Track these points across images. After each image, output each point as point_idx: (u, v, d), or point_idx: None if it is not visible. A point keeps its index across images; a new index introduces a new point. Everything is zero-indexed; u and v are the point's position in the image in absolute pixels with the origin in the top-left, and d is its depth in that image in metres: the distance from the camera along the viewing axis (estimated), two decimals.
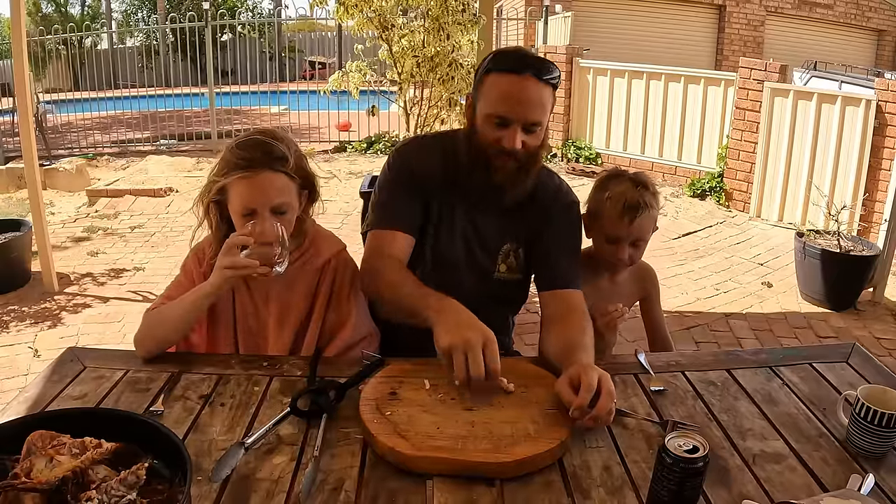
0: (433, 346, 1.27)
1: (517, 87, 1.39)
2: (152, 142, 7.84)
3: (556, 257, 1.55)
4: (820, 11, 11.63)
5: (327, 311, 1.51)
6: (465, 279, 1.58)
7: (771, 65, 5.22)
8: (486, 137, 1.43)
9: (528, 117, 1.40)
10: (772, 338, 3.40)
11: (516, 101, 1.40)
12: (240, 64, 12.04)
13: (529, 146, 1.43)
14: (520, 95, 1.39)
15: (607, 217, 1.65)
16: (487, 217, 1.57)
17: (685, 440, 0.98)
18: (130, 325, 3.39)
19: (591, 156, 6.81)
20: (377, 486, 1.05)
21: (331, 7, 5.94)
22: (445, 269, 1.57)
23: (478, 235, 1.58)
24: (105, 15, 18.27)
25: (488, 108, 1.42)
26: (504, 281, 1.61)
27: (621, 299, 1.78)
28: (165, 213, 5.41)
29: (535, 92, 1.40)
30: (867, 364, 1.47)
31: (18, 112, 3.72)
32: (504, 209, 1.55)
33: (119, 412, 1.13)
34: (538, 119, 1.42)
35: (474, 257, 1.59)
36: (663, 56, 9.28)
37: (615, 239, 1.65)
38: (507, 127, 1.40)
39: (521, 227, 1.58)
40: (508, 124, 1.40)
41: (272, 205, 1.38)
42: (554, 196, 1.59)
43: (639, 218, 1.61)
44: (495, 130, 1.42)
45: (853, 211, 4.36)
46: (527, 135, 1.42)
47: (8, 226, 3.92)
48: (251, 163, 1.37)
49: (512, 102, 1.40)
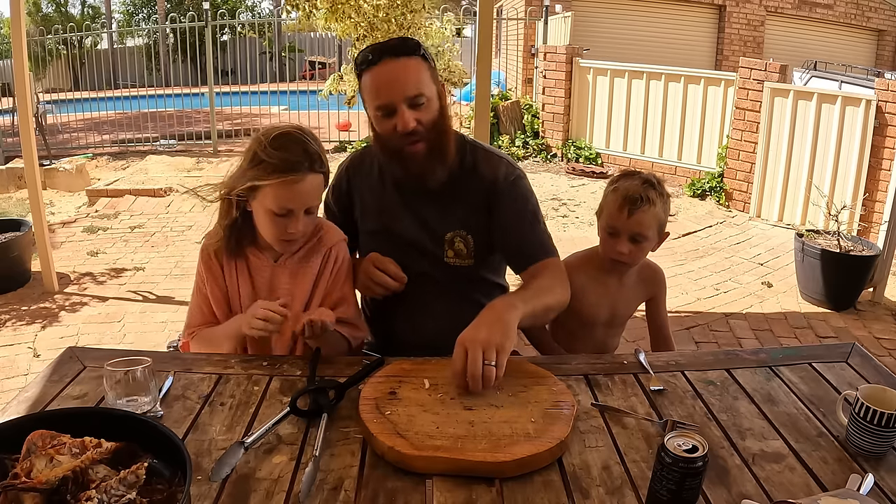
0: (432, 346, 1.27)
1: (381, 74, 1.44)
2: (152, 142, 7.84)
3: (518, 237, 1.57)
4: (820, 11, 11.62)
5: (328, 294, 1.55)
6: (424, 267, 1.60)
7: (771, 65, 5.22)
8: (384, 132, 1.47)
9: (406, 92, 1.42)
10: (772, 338, 3.40)
11: (386, 86, 1.43)
12: (240, 64, 12.05)
13: (425, 121, 1.44)
14: (388, 77, 1.43)
15: (608, 209, 1.66)
16: (428, 206, 1.58)
17: (684, 440, 0.98)
18: (130, 325, 3.39)
19: (591, 156, 6.81)
20: (377, 486, 1.05)
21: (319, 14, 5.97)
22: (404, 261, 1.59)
23: (424, 224, 1.60)
24: (105, 15, 18.28)
25: (371, 105, 1.47)
26: (456, 267, 1.60)
27: (629, 299, 1.78)
28: (165, 213, 5.41)
29: (400, 69, 1.43)
30: (867, 364, 1.47)
31: (18, 112, 3.71)
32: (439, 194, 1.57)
33: (119, 412, 1.12)
34: (416, 91, 1.43)
35: (424, 245, 1.60)
36: (663, 56, 9.27)
37: (614, 231, 1.65)
38: (393, 114, 1.44)
39: (461, 211, 1.58)
40: (393, 110, 1.43)
41: (307, 206, 1.43)
42: (493, 178, 1.57)
43: (638, 211, 1.61)
44: (387, 121, 1.45)
45: (853, 211, 4.36)
46: (416, 110, 1.43)
47: (8, 226, 3.93)
48: (294, 166, 1.38)
49: (383, 89, 1.44)
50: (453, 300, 1.61)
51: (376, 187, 1.63)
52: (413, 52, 1.45)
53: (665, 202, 1.66)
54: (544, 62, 7.08)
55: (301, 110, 8.31)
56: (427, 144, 1.46)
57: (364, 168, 1.67)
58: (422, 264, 1.59)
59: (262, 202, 1.42)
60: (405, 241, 1.60)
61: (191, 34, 8.26)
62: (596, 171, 6.57)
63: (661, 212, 1.64)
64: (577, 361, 1.47)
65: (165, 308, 3.61)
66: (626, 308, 1.80)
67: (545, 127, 7.27)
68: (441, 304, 1.60)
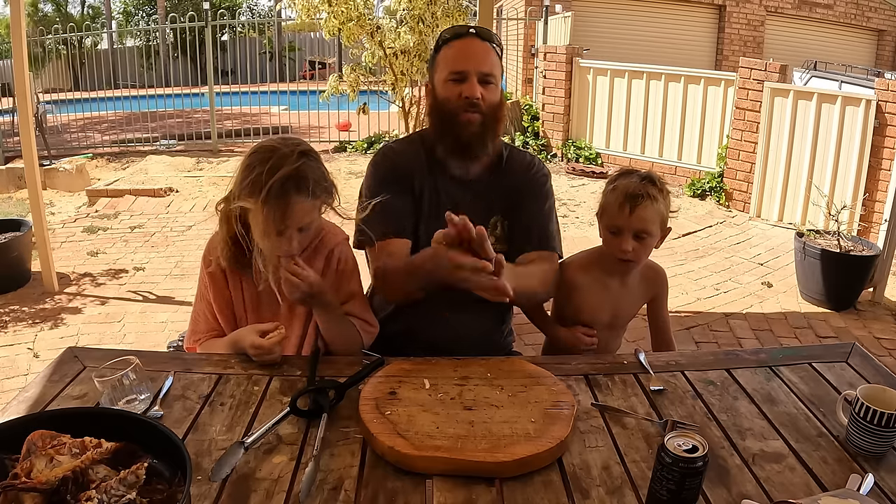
0: (432, 346, 1.27)
1: (465, 45, 1.57)
2: (152, 142, 7.84)
3: (532, 222, 1.66)
4: (820, 11, 11.62)
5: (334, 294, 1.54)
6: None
7: (771, 65, 5.22)
8: (448, 98, 1.55)
9: (481, 67, 1.54)
10: (772, 338, 3.40)
11: (467, 56, 1.55)
12: (240, 64, 12.06)
13: (487, 99, 1.54)
14: (469, 50, 1.56)
15: (610, 207, 1.64)
16: (468, 194, 1.64)
17: (684, 440, 0.98)
18: (130, 325, 3.39)
19: (591, 156, 6.81)
20: (377, 486, 1.05)
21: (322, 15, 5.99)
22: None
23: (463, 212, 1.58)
24: (105, 15, 18.28)
25: (444, 72, 1.56)
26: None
27: (631, 300, 1.77)
28: (165, 213, 5.41)
29: (482, 48, 1.56)
30: (867, 364, 1.47)
31: (18, 112, 3.72)
32: (481, 185, 1.64)
33: (119, 412, 1.12)
34: (490, 70, 1.55)
35: None
36: (663, 56, 9.27)
37: (617, 229, 1.63)
38: (464, 81, 1.53)
39: (500, 199, 1.66)
40: (465, 77, 1.53)
41: (299, 226, 1.42)
42: (527, 169, 1.69)
43: (639, 207, 1.59)
44: (455, 87, 1.54)
45: (853, 211, 4.35)
46: (484, 87, 1.54)
47: (8, 226, 3.92)
48: (282, 192, 1.35)
49: (463, 57, 1.55)
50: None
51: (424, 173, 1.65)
52: (494, 41, 1.59)
53: (666, 197, 1.65)
54: (544, 62, 7.08)
55: (301, 110, 8.31)
56: (482, 119, 1.55)
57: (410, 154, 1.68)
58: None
59: (255, 218, 1.40)
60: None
61: (191, 34, 8.26)
62: (596, 171, 6.57)
63: (662, 207, 1.63)
64: (577, 361, 1.48)
65: (165, 308, 3.61)
66: (629, 309, 1.79)
67: (545, 127, 7.27)
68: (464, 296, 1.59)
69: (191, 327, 1.62)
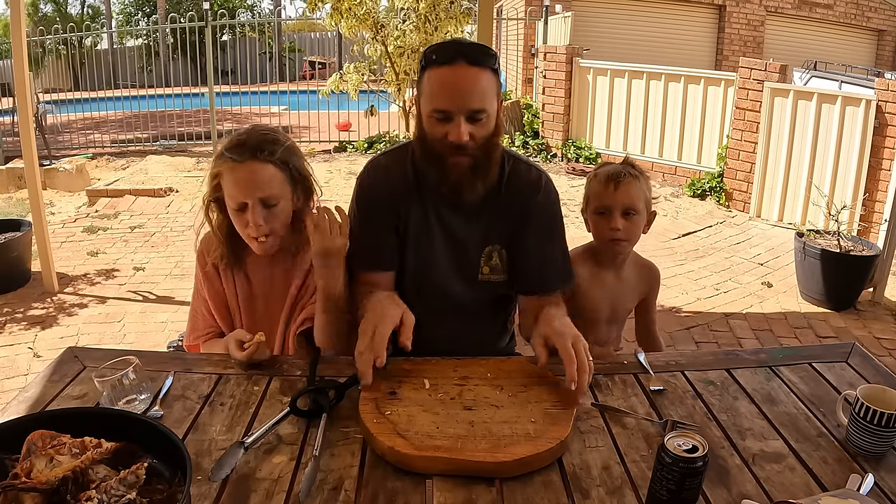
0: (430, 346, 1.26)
1: (451, 78, 1.35)
2: (152, 142, 7.84)
3: (538, 261, 1.54)
4: (820, 11, 11.62)
5: None
6: (453, 285, 1.55)
7: (771, 65, 5.22)
8: (433, 135, 1.39)
9: (468, 105, 1.35)
10: (772, 338, 3.40)
11: (453, 92, 1.35)
12: (240, 64, 12.06)
13: (478, 137, 1.38)
14: (455, 85, 1.35)
15: (594, 190, 1.68)
16: (461, 219, 1.51)
17: (684, 440, 0.98)
18: (130, 325, 3.39)
19: (591, 156, 6.81)
20: (377, 486, 1.05)
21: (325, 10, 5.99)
22: (432, 277, 1.54)
23: (456, 240, 1.53)
24: (105, 15, 18.28)
25: (429, 105, 1.38)
26: (491, 283, 1.56)
27: (628, 293, 1.80)
28: (165, 213, 5.41)
29: (471, 79, 1.35)
30: (867, 364, 1.47)
31: (18, 112, 3.72)
32: (476, 208, 1.49)
33: (119, 412, 1.12)
34: (480, 106, 1.36)
35: (457, 262, 1.54)
36: (663, 56, 9.27)
37: (605, 209, 1.65)
38: (450, 120, 1.36)
39: (499, 225, 1.52)
40: (451, 117, 1.36)
41: (261, 196, 1.43)
42: (531, 190, 1.53)
43: (623, 183, 1.63)
44: (440, 126, 1.37)
45: (853, 211, 4.35)
46: (473, 124, 1.36)
47: (8, 226, 3.92)
48: (237, 154, 1.42)
49: (448, 94, 1.35)
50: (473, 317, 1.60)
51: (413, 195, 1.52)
52: (489, 64, 1.38)
53: (646, 180, 1.70)
54: (544, 62, 7.08)
55: (301, 110, 8.32)
56: (472, 161, 1.40)
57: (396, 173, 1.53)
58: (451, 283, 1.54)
59: (228, 204, 1.46)
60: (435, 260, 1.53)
61: (191, 34, 8.26)
62: None
63: (644, 187, 1.68)
64: None
65: (165, 308, 3.61)
66: (626, 303, 1.81)
67: (545, 127, 7.27)
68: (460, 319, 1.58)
69: (189, 325, 1.64)
